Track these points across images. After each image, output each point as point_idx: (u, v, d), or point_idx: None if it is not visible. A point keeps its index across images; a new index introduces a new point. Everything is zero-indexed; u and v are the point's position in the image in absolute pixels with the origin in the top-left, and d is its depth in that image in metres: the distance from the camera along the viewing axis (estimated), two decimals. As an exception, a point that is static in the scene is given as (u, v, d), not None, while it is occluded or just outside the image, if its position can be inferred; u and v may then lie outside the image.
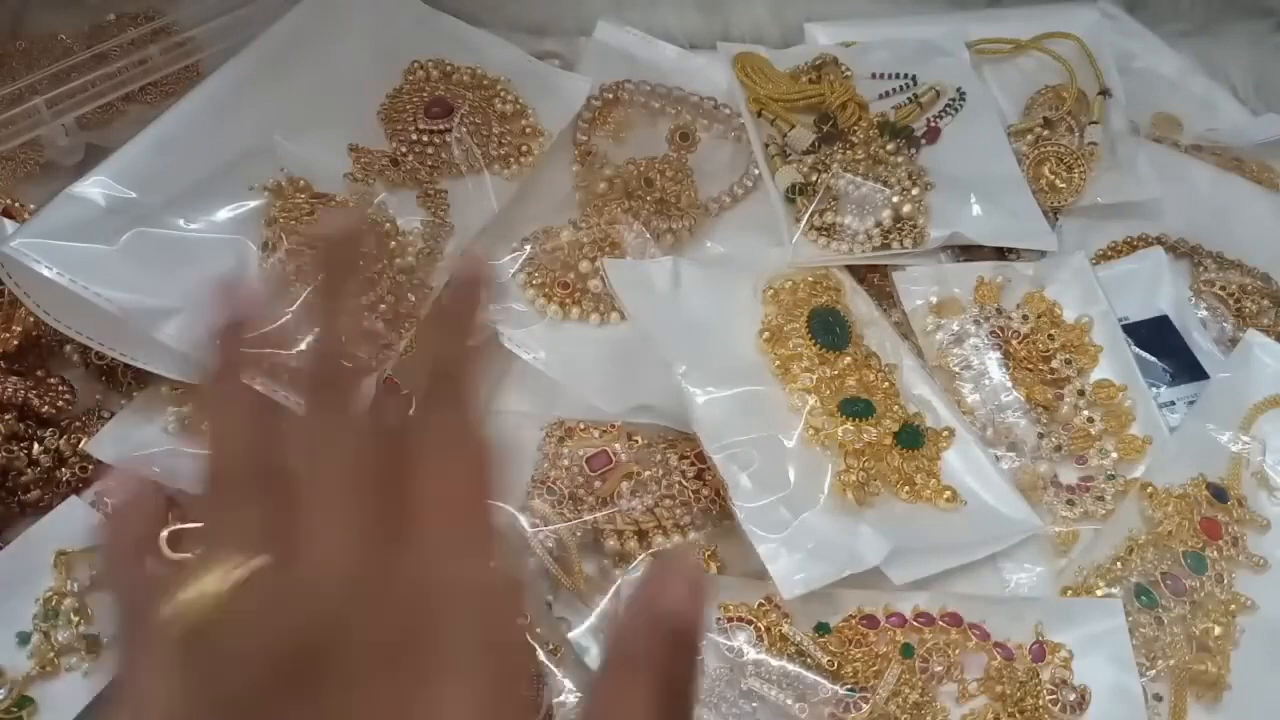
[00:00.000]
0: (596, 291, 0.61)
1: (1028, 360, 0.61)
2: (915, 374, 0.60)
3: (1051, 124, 0.72)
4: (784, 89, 0.70)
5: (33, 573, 0.51)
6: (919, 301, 0.63)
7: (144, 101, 0.70)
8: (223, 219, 0.55)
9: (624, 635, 0.32)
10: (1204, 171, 0.72)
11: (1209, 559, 0.53)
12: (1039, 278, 0.64)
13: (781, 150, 0.67)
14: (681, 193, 0.66)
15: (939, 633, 0.50)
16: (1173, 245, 0.68)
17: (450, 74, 0.66)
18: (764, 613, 0.50)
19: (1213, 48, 0.81)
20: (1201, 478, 0.56)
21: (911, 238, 0.63)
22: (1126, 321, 0.63)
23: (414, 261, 0.59)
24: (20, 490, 0.54)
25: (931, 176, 0.66)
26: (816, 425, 0.55)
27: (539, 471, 0.56)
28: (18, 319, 0.57)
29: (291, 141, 0.59)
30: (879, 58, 0.74)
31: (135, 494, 0.34)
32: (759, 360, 0.58)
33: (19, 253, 0.50)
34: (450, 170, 0.62)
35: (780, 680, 0.48)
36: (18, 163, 0.66)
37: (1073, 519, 0.56)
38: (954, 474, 0.56)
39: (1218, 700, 0.50)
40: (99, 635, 0.49)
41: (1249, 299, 0.65)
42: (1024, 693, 0.49)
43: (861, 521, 0.52)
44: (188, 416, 0.55)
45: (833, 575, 0.50)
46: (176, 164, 0.55)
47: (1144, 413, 0.59)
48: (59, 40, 0.73)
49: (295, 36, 0.63)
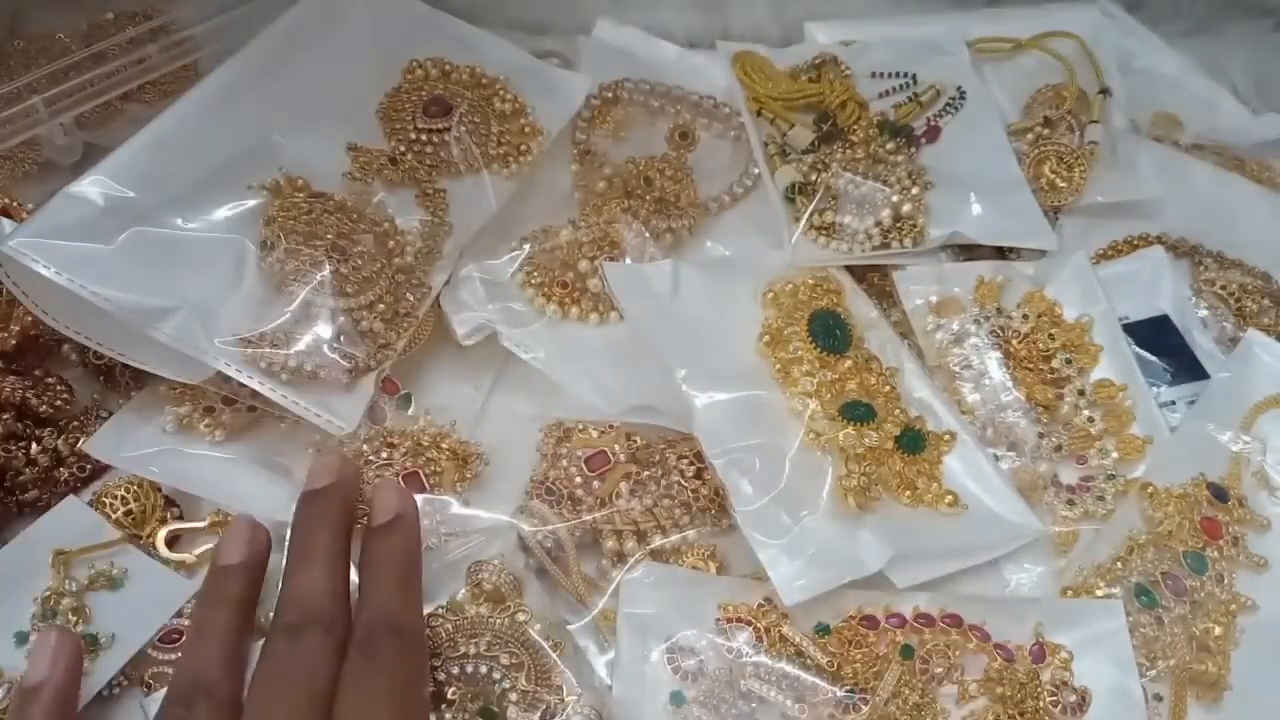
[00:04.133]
0: (595, 291, 0.61)
1: (1028, 360, 0.60)
2: (916, 377, 0.60)
3: (1052, 123, 0.71)
4: (783, 88, 0.70)
5: (31, 572, 0.51)
6: (919, 301, 0.63)
7: (142, 100, 0.70)
8: (221, 218, 0.55)
9: None
10: (1204, 171, 0.72)
11: (1209, 559, 0.53)
12: (1039, 277, 0.64)
13: (781, 149, 0.67)
14: (681, 192, 0.66)
15: (939, 634, 0.50)
16: (1173, 244, 0.68)
17: (449, 73, 0.66)
18: (764, 613, 0.50)
19: (1213, 47, 0.80)
20: (1202, 477, 0.56)
21: (911, 237, 0.63)
22: (1127, 321, 0.63)
23: (413, 261, 0.58)
24: (18, 490, 0.54)
25: (931, 175, 0.66)
26: (817, 429, 0.54)
27: (537, 472, 0.56)
28: (15, 318, 0.57)
29: (290, 140, 0.59)
30: (879, 57, 0.74)
31: None
32: (759, 364, 0.58)
33: (17, 252, 0.50)
34: (449, 169, 0.62)
35: (780, 681, 0.48)
36: (15, 162, 0.66)
37: (1073, 519, 0.56)
38: (955, 478, 0.56)
39: (1218, 700, 0.50)
40: (97, 635, 0.49)
41: (1249, 298, 0.65)
42: (1024, 694, 0.48)
43: (863, 527, 0.52)
44: (186, 416, 0.55)
45: (834, 581, 0.50)
46: (175, 163, 0.55)
47: (1144, 412, 0.59)
48: (57, 39, 0.73)
49: (294, 35, 0.63)
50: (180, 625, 0.50)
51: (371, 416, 0.56)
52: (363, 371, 0.55)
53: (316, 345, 0.53)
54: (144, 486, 0.54)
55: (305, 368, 0.53)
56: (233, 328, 0.52)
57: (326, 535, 0.45)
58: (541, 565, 0.52)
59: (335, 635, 0.42)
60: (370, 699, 0.40)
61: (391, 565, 0.45)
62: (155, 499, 0.54)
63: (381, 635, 0.42)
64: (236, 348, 0.52)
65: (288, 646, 0.42)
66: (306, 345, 0.53)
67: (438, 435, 0.56)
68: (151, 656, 0.49)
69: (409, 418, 0.58)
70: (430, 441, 0.56)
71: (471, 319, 0.60)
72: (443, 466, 0.55)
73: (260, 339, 0.53)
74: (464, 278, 0.61)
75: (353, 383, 0.54)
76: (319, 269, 0.54)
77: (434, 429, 0.57)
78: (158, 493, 0.55)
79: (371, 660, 0.41)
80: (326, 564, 0.44)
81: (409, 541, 0.46)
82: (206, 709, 0.41)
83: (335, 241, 0.55)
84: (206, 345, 0.52)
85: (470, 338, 0.60)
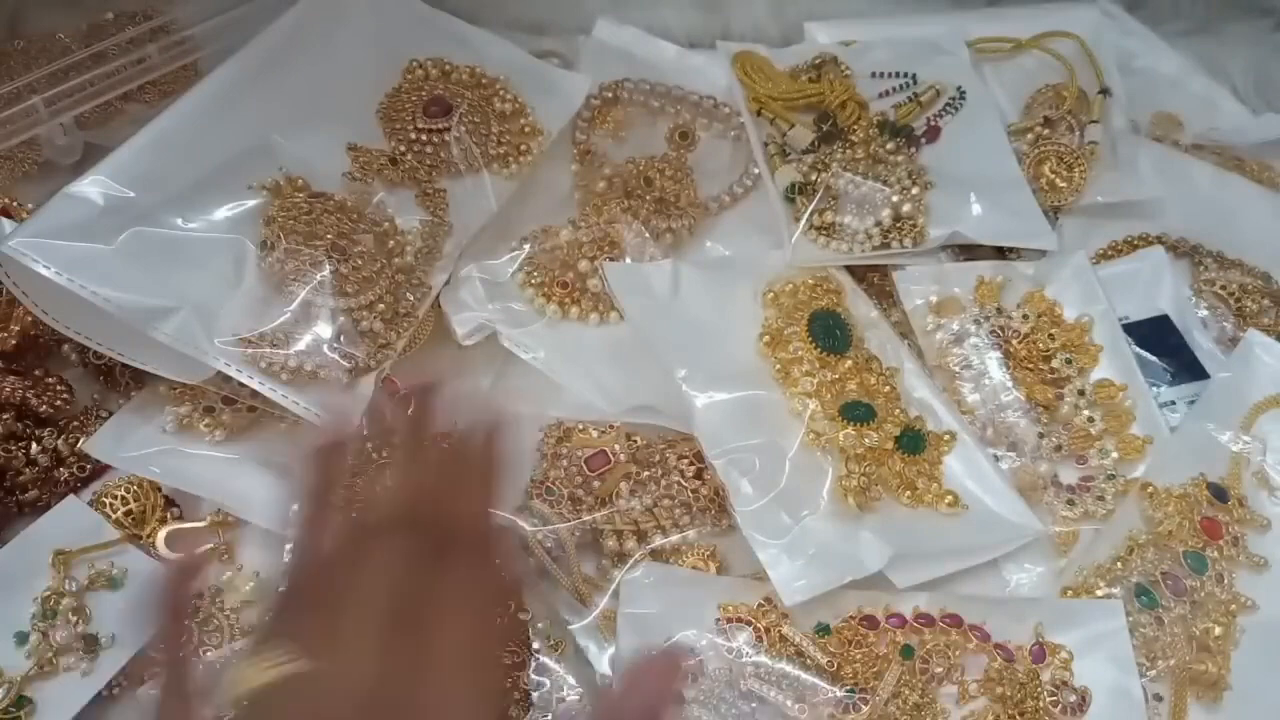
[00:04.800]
0: (596, 291, 0.61)
1: (1028, 360, 0.60)
2: (916, 377, 0.60)
3: (1052, 123, 0.71)
4: (784, 88, 0.70)
5: (31, 573, 0.51)
6: (919, 301, 0.63)
7: (142, 100, 0.70)
8: (221, 218, 0.55)
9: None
10: (1204, 171, 0.72)
11: (1209, 559, 0.53)
12: (1039, 277, 0.64)
13: (781, 149, 0.67)
14: (681, 192, 0.66)
15: (939, 634, 0.50)
16: (1173, 244, 0.68)
17: (449, 73, 0.66)
18: (764, 613, 0.50)
19: (1213, 47, 0.81)
20: (1202, 477, 0.56)
21: (911, 237, 0.63)
22: (1127, 321, 0.63)
23: (413, 261, 0.58)
24: (18, 490, 0.54)
25: (931, 175, 0.66)
26: (817, 430, 0.54)
27: (538, 472, 0.56)
28: (16, 318, 0.57)
29: (290, 140, 0.58)
30: (879, 57, 0.74)
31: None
32: (759, 364, 0.58)
33: (17, 252, 0.50)
34: (449, 169, 0.62)
35: (780, 681, 0.48)
36: (16, 162, 0.66)
37: (1073, 519, 0.56)
38: (955, 478, 0.56)
39: (1218, 700, 0.50)
40: (97, 635, 0.49)
41: (1249, 298, 0.65)
42: (1024, 694, 0.48)
43: (863, 527, 0.52)
44: (186, 416, 0.55)
45: (834, 581, 0.50)
46: (174, 163, 0.55)
47: (1144, 412, 0.59)
48: (57, 39, 0.73)
49: (294, 35, 0.63)
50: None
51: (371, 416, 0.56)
52: (363, 371, 0.55)
53: (316, 345, 0.53)
54: (144, 486, 0.54)
55: (305, 368, 0.53)
56: (233, 328, 0.52)
57: None
58: (542, 565, 0.52)
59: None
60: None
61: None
62: (155, 499, 0.54)
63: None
64: (236, 348, 0.52)
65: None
66: (306, 345, 0.53)
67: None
68: (151, 656, 0.49)
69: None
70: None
71: (471, 319, 0.60)
72: (443, 466, 0.55)
73: (260, 339, 0.53)
74: (464, 278, 0.61)
75: (353, 383, 0.54)
76: (319, 269, 0.54)
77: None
78: (158, 493, 0.55)
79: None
80: None
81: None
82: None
83: (335, 241, 0.55)
84: (206, 345, 0.52)
85: (470, 338, 0.60)
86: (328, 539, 0.41)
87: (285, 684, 0.35)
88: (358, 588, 0.38)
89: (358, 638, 0.36)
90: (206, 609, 0.51)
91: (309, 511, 0.42)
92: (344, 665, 0.35)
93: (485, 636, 0.40)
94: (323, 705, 0.35)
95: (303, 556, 0.41)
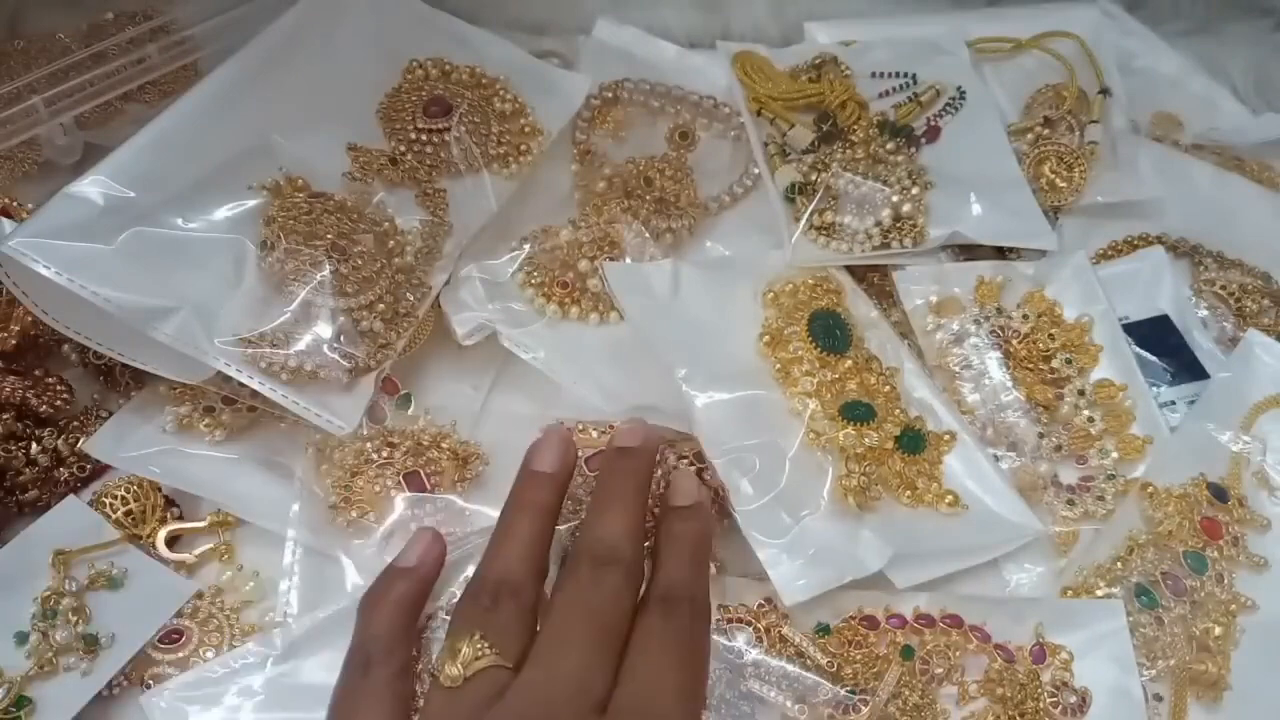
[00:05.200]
0: (596, 291, 0.61)
1: (1028, 360, 0.60)
2: (916, 377, 0.60)
3: (1052, 123, 0.71)
4: (783, 88, 0.70)
5: (30, 573, 0.51)
6: (919, 301, 0.63)
7: (142, 100, 0.70)
8: (221, 218, 0.55)
9: None
10: (1204, 171, 0.72)
11: (1209, 559, 0.53)
12: (1039, 277, 0.64)
13: (781, 149, 0.67)
14: (681, 192, 0.66)
15: (939, 634, 0.50)
16: (1173, 244, 0.68)
17: (449, 73, 0.66)
18: (763, 614, 0.50)
19: (1213, 47, 0.81)
20: (1202, 477, 0.56)
21: (911, 237, 0.63)
22: (1127, 321, 0.63)
23: (413, 261, 0.58)
24: (18, 490, 0.54)
25: (931, 175, 0.66)
26: (817, 429, 0.54)
27: (538, 472, 0.56)
28: (15, 318, 0.57)
29: (290, 140, 0.58)
30: (879, 57, 0.74)
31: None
32: (759, 364, 0.57)
33: (17, 252, 0.50)
34: (449, 169, 0.62)
35: (780, 682, 0.48)
36: (15, 162, 0.66)
37: (1073, 519, 0.56)
38: (956, 478, 0.56)
39: (1218, 700, 0.50)
40: (97, 635, 0.49)
41: (1249, 298, 0.65)
42: (1024, 695, 0.48)
43: (863, 527, 0.52)
44: (186, 416, 0.55)
45: (834, 581, 0.50)
46: (175, 163, 0.55)
47: (1144, 412, 0.59)
48: (57, 39, 0.73)
49: (294, 35, 0.63)
50: (180, 626, 0.50)
51: (371, 416, 0.56)
52: (363, 371, 0.55)
53: (316, 345, 0.53)
54: (144, 486, 0.54)
55: (305, 367, 0.53)
56: (233, 328, 0.52)
57: (631, 487, 0.47)
58: (541, 565, 0.52)
59: (634, 580, 0.44)
60: (664, 653, 0.41)
61: (688, 543, 0.47)
62: (155, 499, 0.54)
63: (680, 599, 0.44)
64: (236, 348, 0.52)
65: (591, 577, 0.43)
66: (306, 345, 0.53)
67: (438, 435, 0.56)
68: (151, 656, 0.49)
69: (409, 418, 0.58)
70: (430, 441, 0.56)
71: (471, 319, 0.60)
72: (443, 466, 0.55)
73: (260, 339, 0.53)
74: (464, 278, 0.61)
75: (353, 383, 0.54)
76: (319, 269, 0.54)
77: (434, 429, 0.57)
78: (158, 493, 0.55)
79: (669, 619, 0.43)
80: (631, 513, 0.46)
81: (706, 526, 0.48)
82: (512, 608, 0.42)
83: (335, 241, 0.55)
84: (206, 345, 0.52)
85: (470, 338, 0.60)
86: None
87: (475, 679, 0.37)
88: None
89: (559, 649, 0.39)
90: (206, 609, 0.51)
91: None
92: (541, 671, 0.39)
93: (682, 702, 0.41)
94: (512, 705, 0.37)
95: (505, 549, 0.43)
